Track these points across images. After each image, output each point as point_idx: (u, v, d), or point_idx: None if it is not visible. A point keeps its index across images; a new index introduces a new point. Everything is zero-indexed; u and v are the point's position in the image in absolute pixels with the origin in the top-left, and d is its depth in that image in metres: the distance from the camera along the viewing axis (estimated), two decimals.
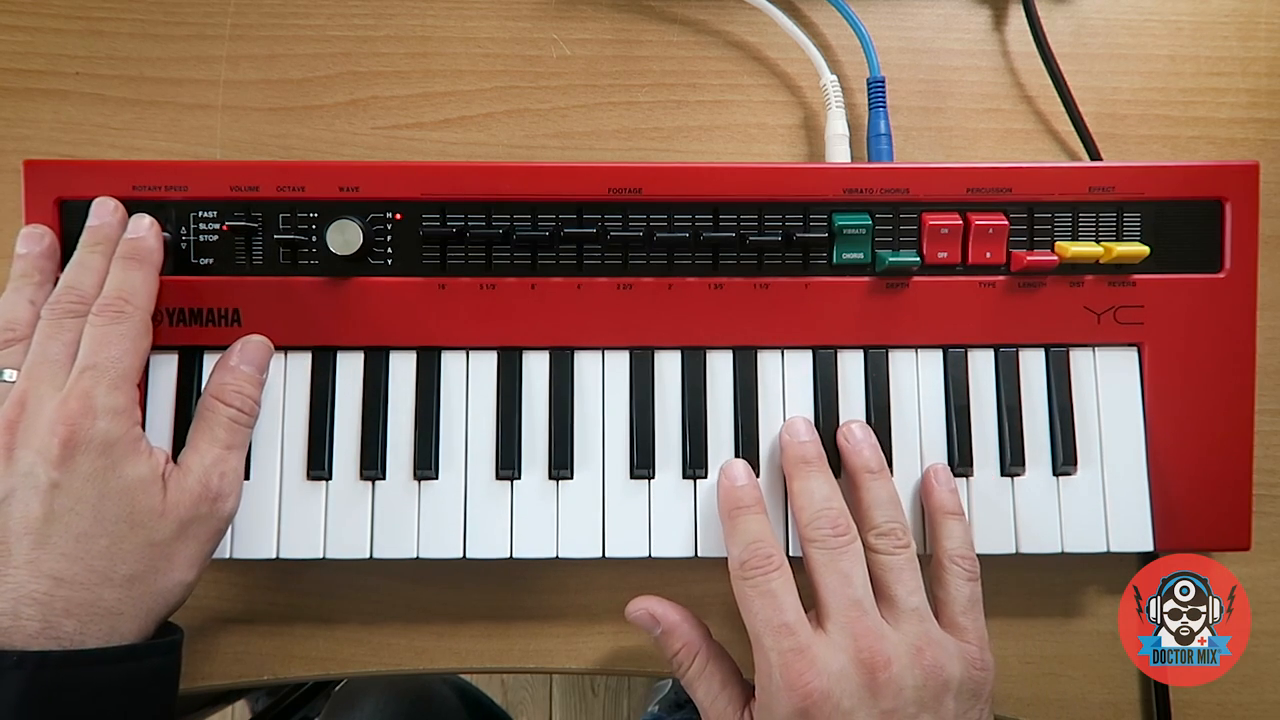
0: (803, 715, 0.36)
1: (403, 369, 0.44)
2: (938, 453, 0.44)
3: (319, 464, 0.43)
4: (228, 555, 0.42)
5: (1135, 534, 0.44)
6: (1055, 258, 0.43)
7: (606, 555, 0.43)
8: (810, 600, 0.40)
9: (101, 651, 0.35)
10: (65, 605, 0.35)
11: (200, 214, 0.43)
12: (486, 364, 0.44)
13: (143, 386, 0.42)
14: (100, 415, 0.37)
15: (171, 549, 0.38)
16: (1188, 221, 0.44)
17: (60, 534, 0.36)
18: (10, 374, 0.39)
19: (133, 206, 0.42)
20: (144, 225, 0.42)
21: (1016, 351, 0.45)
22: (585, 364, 0.44)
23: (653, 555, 0.43)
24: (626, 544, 0.43)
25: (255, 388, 0.42)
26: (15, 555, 0.35)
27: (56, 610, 0.35)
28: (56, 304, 0.40)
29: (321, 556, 0.42)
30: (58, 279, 0.41)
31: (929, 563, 0.42)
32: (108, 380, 0.38)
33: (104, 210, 0.42)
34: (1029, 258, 0.43)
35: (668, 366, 0.44)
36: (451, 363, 0.44)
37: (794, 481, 0.42)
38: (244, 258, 0.43)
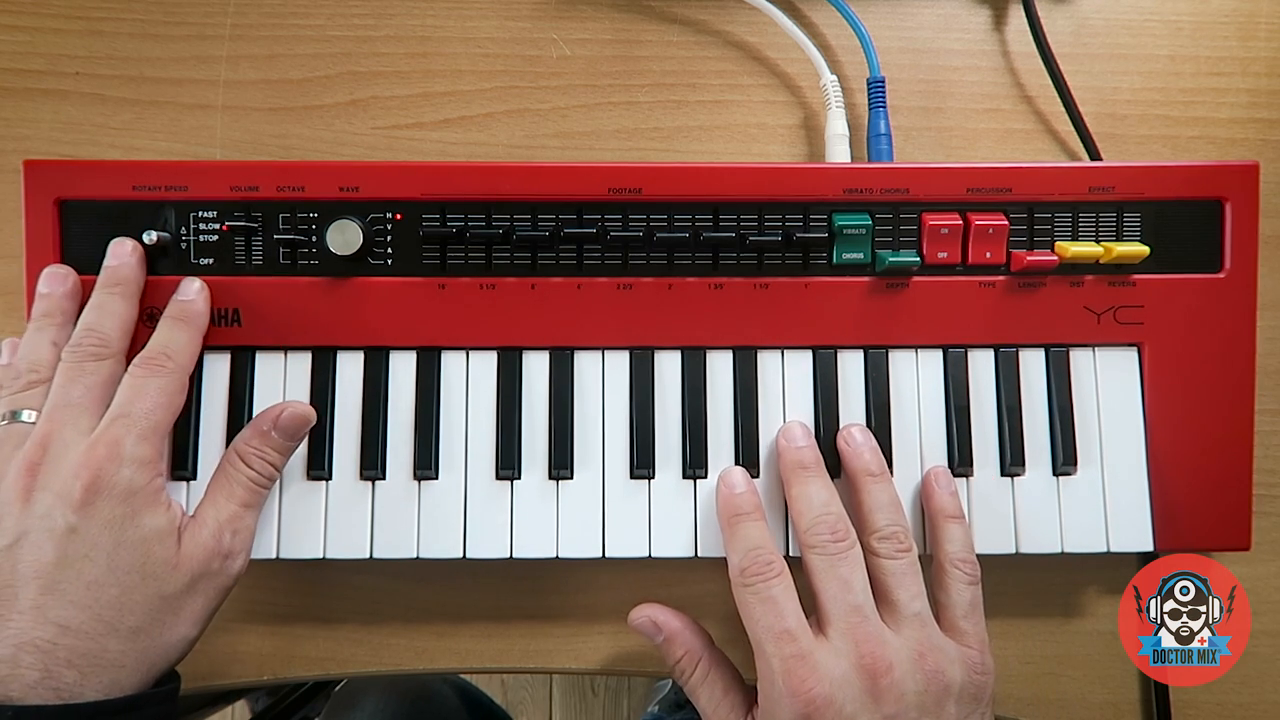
0: None
1: (403, 369, 0.44)
2: (938, 453, 0.44)
3: (319, 464, 0.43)
4: None
5: (1135, 534, 0.44)
6: (1055, 258, 0.43)
7: (606, 555, 0.43)
8: (811, 606, 0.39)
9: (98, 705, 0.35)
10: (68, 655, 0.34)
11: (200, 214, 0.43)
12: (486, 364, 0.44)
13: None
14: (126, 464, 0.37)
15: (180, 603, 0.38)
16: (1188, 221, 0.44)
17: (71, 580, 0.35)
18: (29, 414, 0.39)
19: (133, 207, 0.42)
20: (194, 289, 0.42)
21: (1016, 351, 0.45)
22: (585, 364, 0.44)
23: (653, 555, 0.43)
24: (626, 544, 0.43)
25: (282, 457, 0.42)
26: (21, 600, 0.35)
27: (59, 660, 0.34)
28: (78, 347, 0.39)
29: (321, 556, 0.42)
30: (74, 318, 0.41)
31: (929, 566, 0.42)
32: (138, 431, 0.38)
33: (122, 251, 0.42)
34: (1029, 258, 0.43)
35: (668, 366, 0.44)
36: (451, 363, 0.44)
37: (792, 487, 0.42)
38: (244, 258, 0.43)
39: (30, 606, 0.35)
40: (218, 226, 0.43)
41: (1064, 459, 0.44)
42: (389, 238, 0.43)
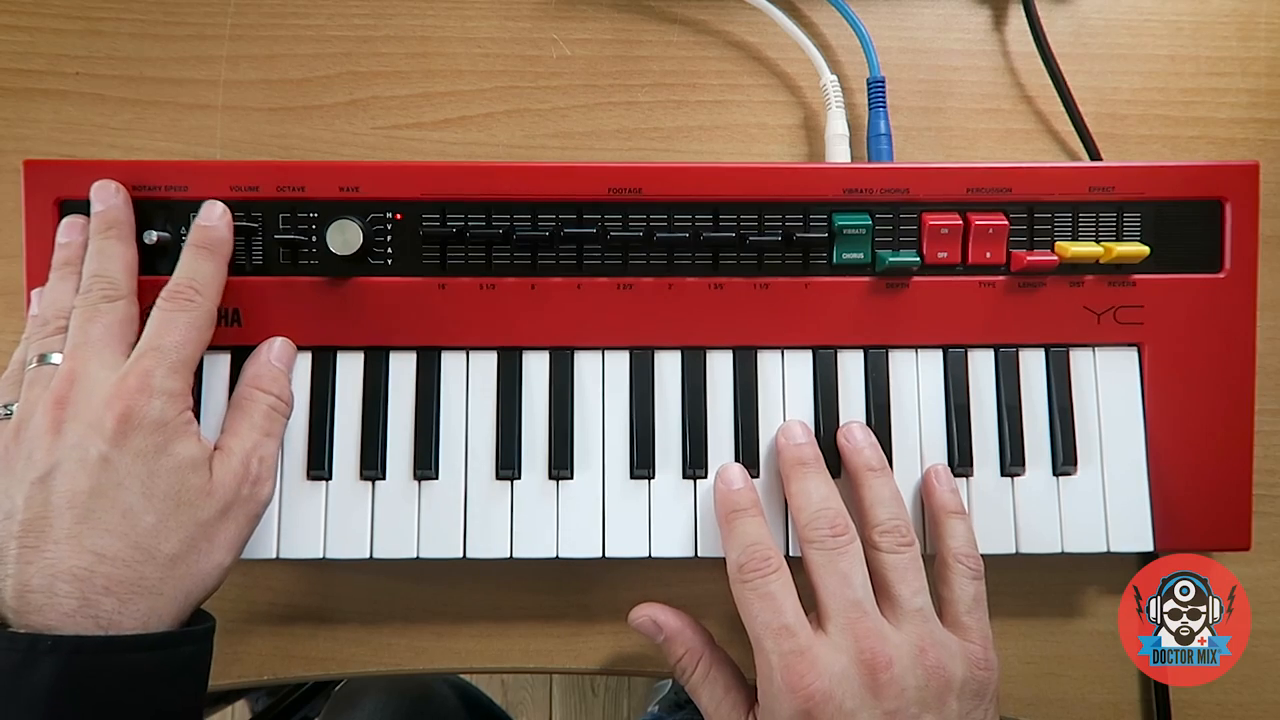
0: (805, 717, 0.36)
1: (403, 369, 0.44)
2: (938, 453, 0.44)
3: (319, 464, 0.43)
4: None
5: (1135, 534, 0.44)
6: (1055, 258, 0.43)
7: (606, 555, 0.43)
8: (810, 602, 0.39)
9: (138, 638, 0.35)
10: (105, 582, 0.35)
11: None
12: (486, 364, 0.44)
13: None
14: (156, 395, 0.37)
15: (214, 529, 0.38)
16: (1188, 221, 0.44)
17: (106, 509, 0.35)
18: (58, 358, 0.39)
19: (133, 207, 0.42)
20: (215, 214, 0.42)
21: (1016, 351, 0.45)
22: (585, 364, 0.44)
23: (653, 555, 0.43)
24: (626, 544, 0.43)
25: (288, 382, 0.43)
26: (56, 529, 0.35)
27: (96, 587, 0.34)
28: (88, 293, 0.40)
29: (321, 556, 0.42)
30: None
31: (932, 562, 0.42)
32: (168, 363, 0.38)
33: (107, 194, 0.42)
34: (1029, 258, 0.43)
35: (668, 366, 0.44)
36: (451, 363, 0.44)
37: (791, 483, 0.42)
38: (244, 258, 0.43)
39: (66, 536, 0.35)
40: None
41: (1064, 459, 0.44)
42: (389, 238, 0.43)
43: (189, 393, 0.39)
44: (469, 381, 0.44)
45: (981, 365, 0.45)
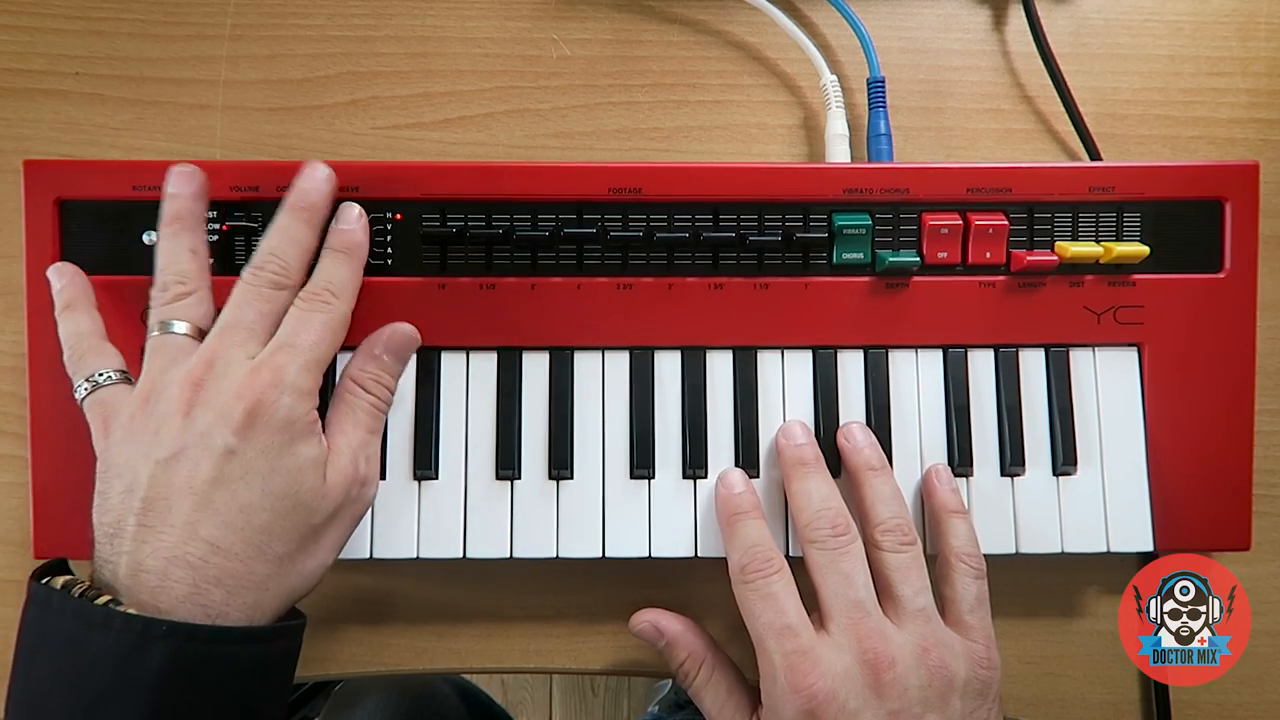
0: (808, 717, 0.36)
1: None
2: (938, 453, 0.44)
3: None
4: None
5: (1135, 534, 0.44)
6: (1055, 258, 0.43)
7: (606, 555, 0.43)
8: (812, 603, 0.39)
9: (245, 630, 0.36)
10: (217, 573, 0.35)
11: None
12: (486, 364, 0.44)
13: None
14: (287, 392, 0.37)
15: (322, 531, 0.38)
16: (1188, 221, 0.44)
17: (225, 501, 0.35)
18: (180, 325, 0.39)
19: (133, 207, 0.42)
20: (353, 216, 0.42)
21: (1016, 351, 0.45)
22: (585, 364, 0.44)
23: (653, 555, 0.43)
24: (626, 544, 0.43)
25: (394, 378, 0.42)
26: (175, 514, 0.35)
27: (208, 577, 0.35)
28: (260, 269, 0.39)
29: None
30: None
31: (934, 562, 0.42)
32: (301, 361, 0.38)
33: (316, 175, 0.41)
34: (1029, 258, 0.43)
35: (668, 366, 0.44)
36: (451, 363, 0.44)
37: (792, 483, 0.42)
38: (244, 258, 0.43)
39: (183, 522, 0.35)
40: (218, 226, 0.43)
41: (1064, 459, 0.44)
42: (389, 238, 0.43)
43: (317, 392, 0.39)
44: (469, 381, 0.44)
45: (981, 365, 0.45)
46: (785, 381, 0.44)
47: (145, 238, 0.42)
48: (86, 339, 0.41)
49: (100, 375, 0.40)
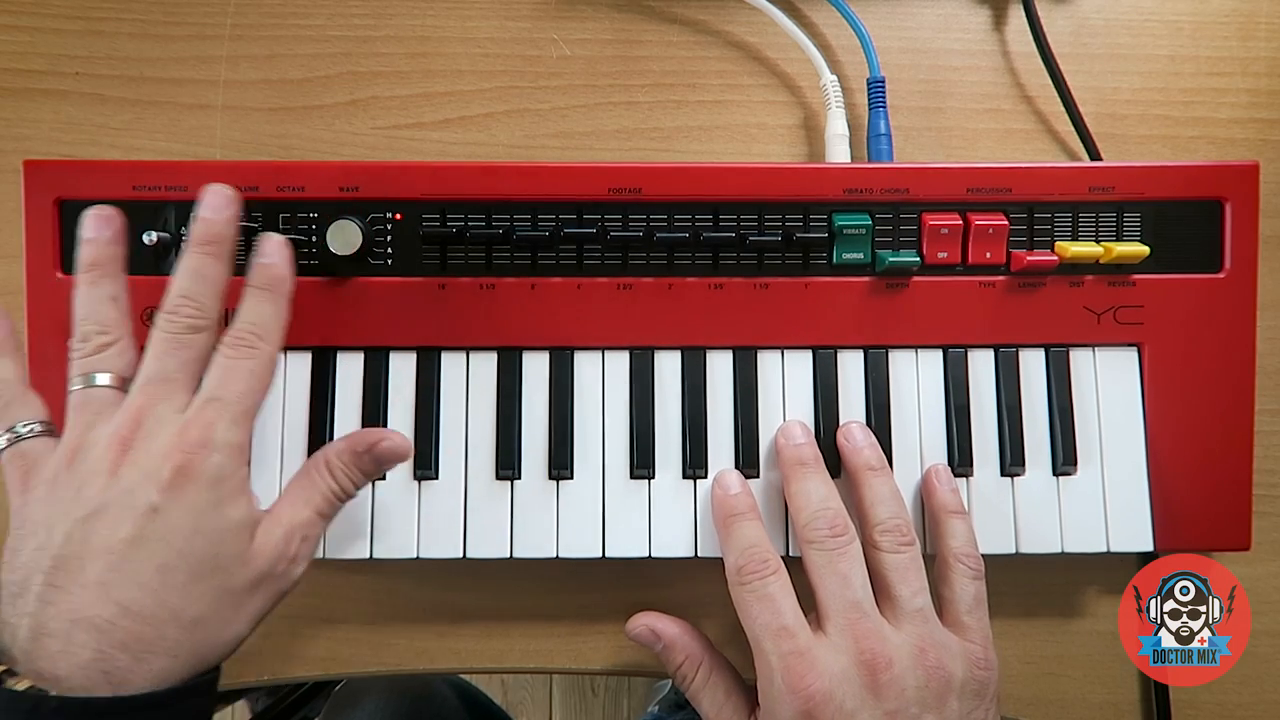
0: (806, 718, 0.36)
1: (403, 369, 0.44)
2: (938, 453, 0.44)
3: None
4: None
5: (1135, 534, 0.44)
6: (1055, 258, 0.43)
7: (606, 555, 0.43)
8: (810, 604, 0.39)
9: (145, 697, 0.34)
10: (125, 637, 0.33)
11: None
12: (486, 364, 0.44)
13: None
14: (217, 450, 0.36)
15: (241, 599, 0.36)
16: (1188, 221, 0.44)
17: (142, 561, 0.34)
18: (103, 377, 0.37)
19: (133, 207, 0.42)
20: (273, 248, 0.40)
21: (1016, 351, 0.45)
22: (585, 364, 0.44)
23: (653, 555, 0.43)
24: (626, 544, 0.43)
25: (367, 480, 0.41)
26: (86, 573, 0.34)
27: (115, 641, 0.33)
28: (174, 315, 0.38)
29: (322, 556, 0.42)
30: (125, 266, 0.40)
31: (932, 562, 0.42)
32: (230, 415, 0.36)
33: (217, 203, 0.39)
34: (1029, 258, 0.43)
35: (668, 366, 0.44)
36: (451, 363, 0.44)
37: (791, 484, 0.42)
38: (244, 258, 0.43)
39: (94, 582, 0.33)
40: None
41: (1064, 459, 0.44)
42: (389, 238, 0.43)
43: (248, 445, 0.37)
44: (469, 381, 0.44)
45: (981, 365, 0.45)
46: (785, 381, 0.44)
47: (145, 238, 0.42)
48: (10, 387, 0.39)
49: (23, 426, 0.38)
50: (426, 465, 0.43)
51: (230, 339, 0.38)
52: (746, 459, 0.44)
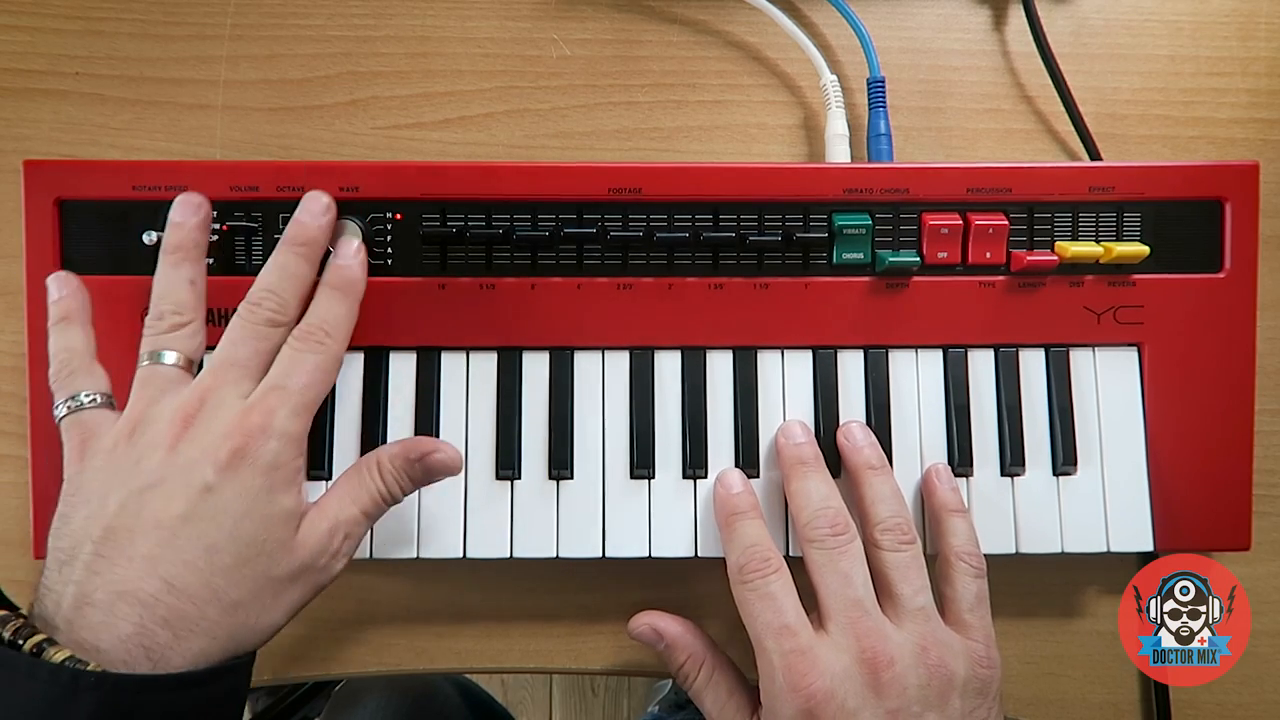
0: (807, 716, 0.36)
1: (403, 369, 0.44)
2: (938, 452, 0.44)
3: (319, 464, 0.43)
4: None
5: (1135, 534, 0.44)
6: (1055, 258, 0.43)
7: (606, 555, 0.43)
8: (812, 603, 0.39)
9: (181, 676, 0.34)
10: (166, 614, 0.34)
11: None
12: (486, 364, 0.44)
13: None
14: (275, 436, 0.36)
15: (281, 588, 0.37)
16: (1188, 221, 0.44)
17: (191, 539, 0.35)
18: (170, 355, 0.38)
19: (133, 206, 0.42)
20: (351, 251, 0.41)
21: (1016, 351, 0.45)
22: (585, 364, 0.44)
23: (653, 555, 0.43)
24: (626, 544, 0.43)
25: (415, 487, 0.41)
26: (135, 546, 0.34)
27: (157, 617, 0.33)
28: (257, 307, 0.39)
29: None
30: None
31: (934, 561, 0.42)
32: (291, 405, 0.37)
33: (316, 208, 0.41)
34: (1029, 258, 0.43)
35: (668, 366, 0.44)
36: (451, 363, 0.44)
37: (791, 483, 0.42)
38: (244, 258, 0.43)
39: (143, 555, 0.34)
40: (218, 226, 0.43)
41: (1064, 459, 0.44)
42: (389, 238, 0.43)
43: (305, 437, 0.38)
44: (469, 381, 0.44)
45: (981, 365, 0.45)
46: (785, 381, 0.44)
47: (145, 238, 0.42)
48: (78, 356, 0.40)
49: (85, 396, 0.39)
50: None
51: (300, 332, 0.39)
52: (747, 459, 0.44)
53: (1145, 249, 0.43)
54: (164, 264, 0.40)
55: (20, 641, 0.33)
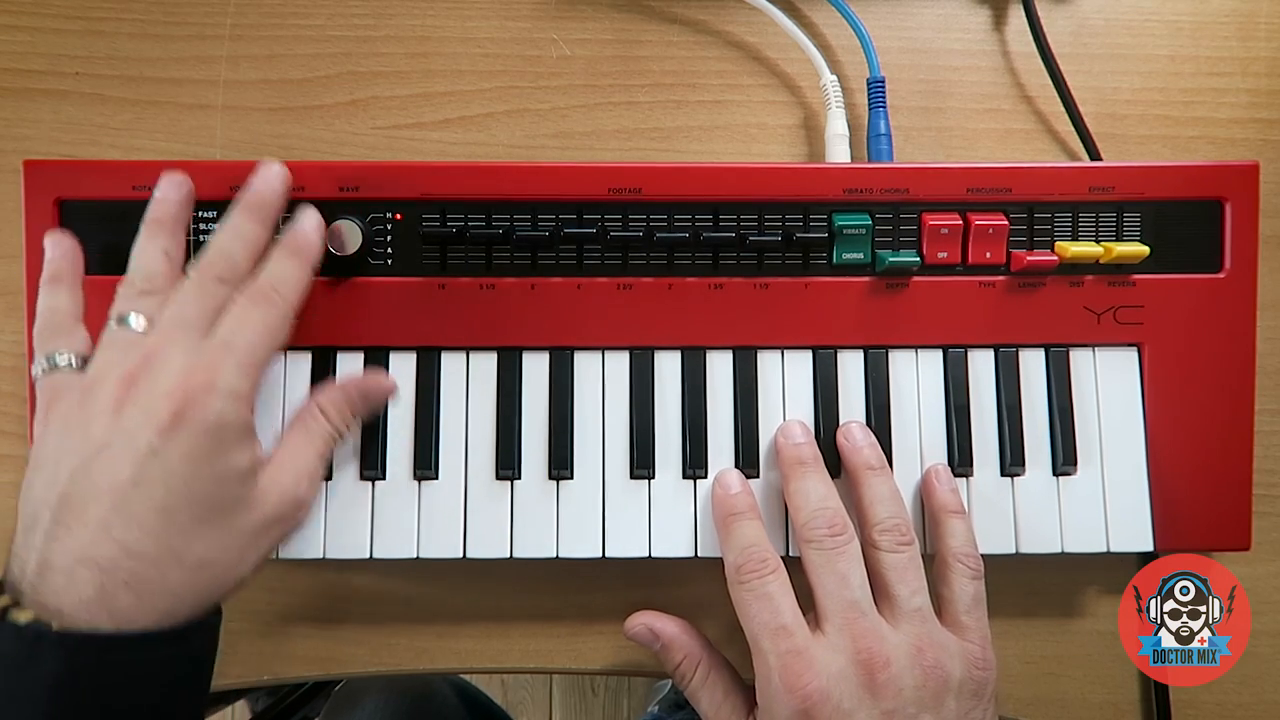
0: (803, 717, 0.36)
1: (403, 369, 0.44)
2: (938, 453, 0.44)
3: None
4: None
5: (1135, 534, 0.44)
6: (1055, 258, 0.43)
7: (606, 555, 0.43)
8: (809, 604, 0.39)
9: (145, 635, 0.34)
10: (127, 578, 0.34)
11: (200, 214, 0.43)
12: (486, 364, 0.44)
13: None
14: (220, 395, 0.36)
15: (248, 543, 0.37)
16: (1188, 221, 0.44)
17: (142, 502, 0.34)
18: (137, 320, 0.38)
19: (133, 207, 0.42)
20: (312, 223, 0.41)
21: (1016, 351, 0.45)
22: (585, 364, 0.44)
23: (653, 555, 0.43)
24: (626, 544, 0.43)
25: (358, 420, 0.42)
26: (89, 512, 0.34)
27: (117, 581, 0.33)
28: (209, 267, 0.39)
29: (322, 556, 0.42)
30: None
31: (931, 562, 0.42)
32: (236, 361, 0.36)
33: (269, 175, 0.41)
34: (1029, 258, 0.43)
35: (668, 366, 0.44)
36: (451, 363, 0.44)
37: (790, 483, 0.42)
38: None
39: (96, 521, 0.34)
40: (217, 226, 0.43)
41: (1064, 459, 0.44)
42: (389, 238, 0.43)
43: (254, 394, 0.37)
44: (469, 381, 0.44)
45: (981, 365, 0.45)
46: (785, 381, 0.44)
47: None
48: (61, 316, 0.40)
49: (60, 356, 0.39)
50: (426, 465, 0.43)
51: (249, 290, 0.39)
52: (746, 459, 0.44)
53: (1145, 249, 0.43)
54: (142, 235, 0.40)
55: None
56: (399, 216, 0.43)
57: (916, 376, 0.45)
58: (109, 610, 0.33)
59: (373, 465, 0.43)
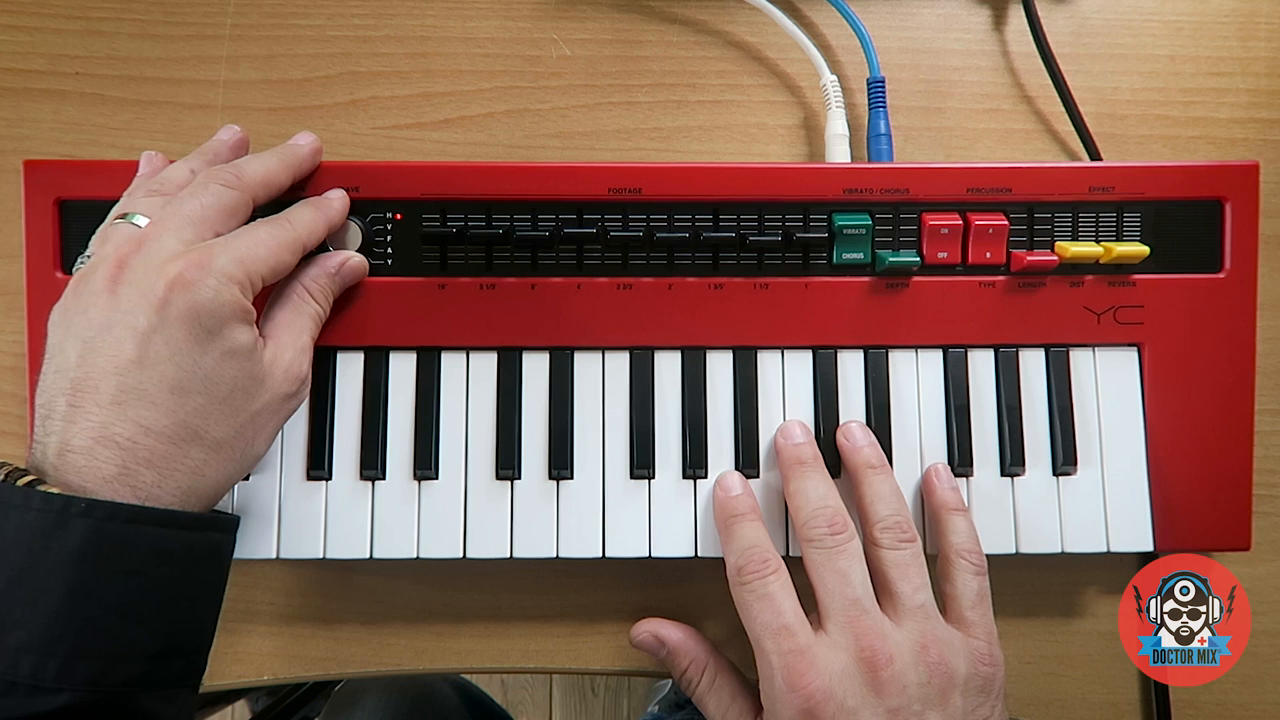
0: (807, 716, 0.36)
1: (403, 369, 0.44)
2: (938, 453, 0.44)
3: (319, 464, 0.43)
4: None
5: (1135, 534, 0.44)
6: (1055, 258, 0.43)
7: (606, 555, 0.43)
8: (812, 604, 0.39)
9: (172, 513, 0.34)
10: (148, 455, 0.34)
11: None
12: (486, 364, 0.44)
13: None
14: (213, 275, 0.35)
15: (261, 420, 0.38)
16: (1188, 221, 0.44)
17: (153, 381, 0.34)
18: (141, 219, 0.38)
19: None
20: (338, 193, 0.42)
21: (1016, 351, 0.45)
22: (585, 364, 0.44)
23: (653, 555, 0.43)
24: (626, 544, 0.43)
25: (335, 296, 0.42)
26: (101, 393, 0.34)
27: (138, 458, 0.34)
28: (214, 174, 0.39)
29: (322, 556, 0.42)
30: (227, 160, 0.42)
31: (935, 561, 0.42)
32: (233, 254, 0.36)
33: (309, 140, 0.43)
34: (1029, 258, 0.43)
35: (667, 366, 0.44)
36: (451, 363, 0.44)
37: (790, 483, 0.42)
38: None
39: (110, 401, 0.34)
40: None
41: (1064, 459, 0.44)
42: (389, 238, 0.43)
43: (250, 291, 0.37)
44: (469, 382, 0.44)
45: (981, 365, 0.45)
46: (785, 381, 0.44)
47: None
48: (171, 186, 0.39)
49: (87, 251, 0.38)
50: (427, 465, 0.43)
51: (265, 218, 0.39)
52: (746, 459, 0.44)
53: (1145, 249, 0.43)
54: (187, 157, 0.41)
55: (13, 482, 0.33)
56: (399, 216, 0.43)
57: (916, 376, 0.45)
58: (132, 487, 0.34)
59: (373, 465, 0.43)
